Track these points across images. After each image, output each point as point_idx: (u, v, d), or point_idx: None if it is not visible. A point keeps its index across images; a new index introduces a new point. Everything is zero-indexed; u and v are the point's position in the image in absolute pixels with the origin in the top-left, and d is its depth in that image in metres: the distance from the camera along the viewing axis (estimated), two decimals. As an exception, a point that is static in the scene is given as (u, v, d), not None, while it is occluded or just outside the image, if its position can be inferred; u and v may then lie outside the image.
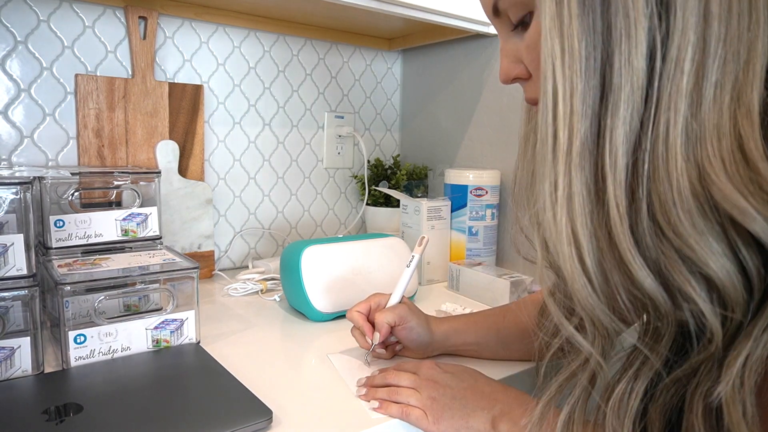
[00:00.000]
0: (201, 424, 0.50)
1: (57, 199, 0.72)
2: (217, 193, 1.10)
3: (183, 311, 0.69)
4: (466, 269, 0.98)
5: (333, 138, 1.26)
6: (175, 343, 0.69)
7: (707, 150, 0.33)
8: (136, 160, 0.95)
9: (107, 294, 0.64)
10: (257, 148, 1.15)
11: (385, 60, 1.34)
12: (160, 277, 0.68)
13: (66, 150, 0.92)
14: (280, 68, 1.16)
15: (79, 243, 0.73)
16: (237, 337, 0.75)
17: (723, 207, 0.33)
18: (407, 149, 1.39)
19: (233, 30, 1.09)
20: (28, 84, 0.88)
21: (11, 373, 0.59)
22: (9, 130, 0.88)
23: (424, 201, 1.03)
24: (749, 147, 0.32)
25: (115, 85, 0.93)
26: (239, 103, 1.11)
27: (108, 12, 0.94)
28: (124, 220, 0.76)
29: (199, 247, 1.03)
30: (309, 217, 1.25)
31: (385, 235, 0.92)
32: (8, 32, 0.86)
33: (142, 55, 0.96)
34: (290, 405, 0.56)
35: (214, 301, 0.91)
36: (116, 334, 0.64)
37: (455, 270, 1.00)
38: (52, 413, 0.51)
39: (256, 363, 0.67)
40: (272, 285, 0.98)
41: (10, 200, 0.59)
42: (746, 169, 0.32)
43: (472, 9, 1.04)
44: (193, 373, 0.61)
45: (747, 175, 0.32)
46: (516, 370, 0.67)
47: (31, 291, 0.60)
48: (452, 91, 1.25)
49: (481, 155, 1.18)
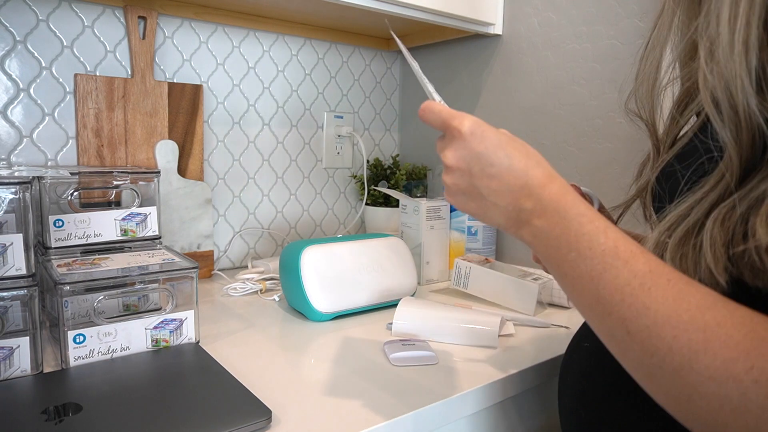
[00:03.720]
0: (200, 424, 0.50)
1: (56, 198, 0.72)
2: (216, 193, 1.10)
3: (182, 311, 0.69)
4: (477, 267, 0.92)
5: (332, 138, 1.26)
6: (174, 343, 0.69)
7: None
8: (135, 159, 0.95)
9: (106, 294, 0.64)
10: (256, 148, 1.15)
11: (384, 60, 1.34)
12: (159, 276, 0.68)
13: (65, 150, 0.92)
14: (279, 68, 1.16)
15: (78, 243, 0.73)
16: (236, 337, 0.75)
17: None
18: (406, 149, 1.39)
19: (232, 30, 1.09)
20: (28, 84, 0.88)
21: (10, 373, 0.59)
22: (8, 130, 0.88)
23: (424, 201, 1.03)
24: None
25: (114, 84, 0.93)
26: (239, 103, 1.11)
27: (107, 12, 0.94)
28: (124, 220, 0.76)
29: (199, 246, 1.02)
30: (308, 217, 1.25)
31: (385, 235, 0.92)
32: (7, 32, 0.86)
33: (142, 55, 0.96)
34: (289, 405, 0.56)
35: (214, 301, 0.91)
36: (115, 334, 0.64)
37: (464, 267, 0.94)
38: (51, 413, 0.51)
39: (256, 363, 0.67)
40: (271, 285, 0.98)
41: (9, 200, 0.59)
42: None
43: (472, 9, 1.04)
44: (193, 373, 0.61)
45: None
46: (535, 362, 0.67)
47: (30, 291, 0.60)
48: (452, 91, 1.25)
49: (481, 155, 1.18)
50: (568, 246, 0.42)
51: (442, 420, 0.59)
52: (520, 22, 1.08)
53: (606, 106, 0.95)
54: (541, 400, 0.75)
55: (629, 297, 0.38)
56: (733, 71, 0.40)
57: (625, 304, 0.38)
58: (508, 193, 0.46)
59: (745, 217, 0.38)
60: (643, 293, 0.38)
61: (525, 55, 1.08)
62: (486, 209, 0.48)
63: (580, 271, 0.41)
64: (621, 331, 0.38)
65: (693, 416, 0.35)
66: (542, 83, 1.04)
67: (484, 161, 0.47)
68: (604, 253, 0.40)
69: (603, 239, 0.41)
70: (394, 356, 0.67)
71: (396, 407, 0.56)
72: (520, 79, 1.09)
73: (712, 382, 0.34)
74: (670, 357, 0.35)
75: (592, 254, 0.41)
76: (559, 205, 0.44)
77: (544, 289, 0.90)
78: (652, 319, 0.37)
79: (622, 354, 0.39)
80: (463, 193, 0.49)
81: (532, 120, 1.07)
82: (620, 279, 0.39)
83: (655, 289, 0.37)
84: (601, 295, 0.40)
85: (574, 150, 1.02)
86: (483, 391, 0.63)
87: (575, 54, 0.99)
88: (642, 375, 0.38)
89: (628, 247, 0.40)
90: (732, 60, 0.40)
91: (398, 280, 0.88)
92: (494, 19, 1.09)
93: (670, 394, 0.36)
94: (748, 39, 0.39)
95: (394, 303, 0.86)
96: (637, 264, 0.39)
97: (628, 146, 0.94)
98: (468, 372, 0.65)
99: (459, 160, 0.48)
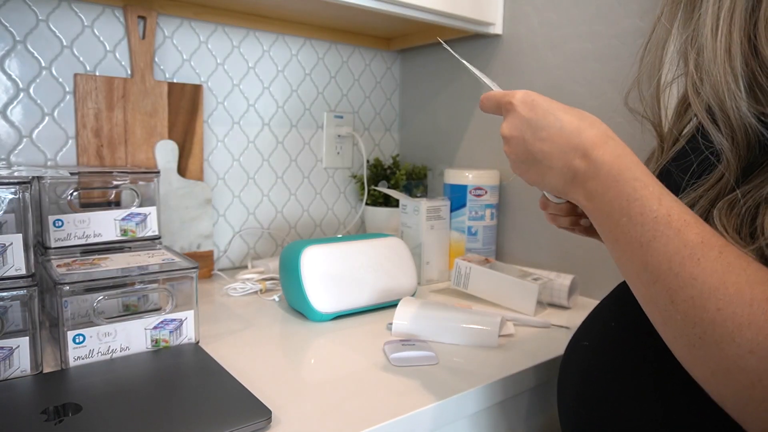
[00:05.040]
0: (200, 424, 0.50)
1: (56, 198, 0.72)
2: (216, 193, 1.10)
3: (182, 311, 0.69)
4: (477, 267, 0.92)
5: (332, 138, 1.26)
6: (174, 343, 0.69)
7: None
8: (135, 159, 0.95)
9: (106, 294, 0.64)
10: (256, 148, 1.15)
11: (384, 60, 1.34)
12: (159, 276, 0.68)
13: (65, 150, 0.92)
14: (279, 68, 1.16)
15: (78, 243, 0.72)
16: (236, 337, 0.75)
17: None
18: (406, 149, 1.39)
19: (232, 30, 1.08)
20: (27, 83, 0.88)
21: (10, 373, 0.59)
22: (8, 130, 0.87)
23: (424, 201, 1.03)
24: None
25: (114, 84, 0.93)
26: (238, 103, 1.11)
27: (107, 11, 0.94)
28: (123, 220, 0.76)
29: (198, 246, 1.02)
30: (308, 217, 1.25)
31: (385, 235, 0.92)
32: (7, 32, 0.86)
33: (141, 55, 0.96)
34: (289, 405, 0.56)
35: (213, 301, 0.91)
36: (115, 334, 0.64)
37: (464, 267, 0.94)
38: (50, 413, 0.51)
39: (256, 363, 0.67)
40: (271, 285, 0.98)
41: (8, 200, 0.59)
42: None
43: (472, 9, 1.04)
44: (192, 373, 0.61)
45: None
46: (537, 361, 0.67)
47: (30, 291, 0.60)
48: (451, 91, 1.25)
49: (481, 155, 1.18)
50: (620, 210, 0.42)
51: (442, 420, 0.59)
52: (520, 22, 1.08)
53: (606, 106, 0.95)
54: (541, 400, 0.74)
55: (677, 266, 0.38)
56: (719, 77, 0.42)
57: (672, 273, 0.38)
58: (560, 154, 0.46)
59: (753, 213, 0.38)
60: (691, 264, 0.37)
61: (525, 55, 1.08)
62: (544, 174, 0.48)
63: (629, 237, 0.41)
64: (665, 300, 0.38)
65: (729, 390, 0.35)
66: (542, 83, 1.04)
67: (535, 126, 0.47)
68: (656, 220, 0.39)
69: (656, 206, 0.40)
70: (394, 356, 0.67)
71: (396, 407, 0.56)
72: (520, 79, 1.08)
73: (752, 356, 0.33)
74: (711, 329, 0.35)
75: (644, 220, 0.40)
76: (612, 167, 0.43)
77: (544, 289, 0.90)
78: (698, 290, 0.36)
79: (664, 323, 0.39)
80: (522, 161, 0.50)
81: (532, 120, 1.07)
82: (670, 247, 0.38)
83: (704, 260, 0.37)
84: (649, 262, 0.39)
85: (574, 150, 1.01)
86: (483, 391, 0.62)
87: (575, 54, 0.99)
88: (682, 344, 0.38)
89: (681, 216, 0.39)
90: (716, 65, 0.42)
91: (398, 280, 0.88)
92: (494, 19, 1.09)
93: (708, 365, 0.36)
94: (730, 47, 0.41)
95: (394, 303, 0.86)
96: (689, 234, 0.38)
97: (628, 146, 0.94)
98: (468, 372, 0.65)
99: (513, 129, 0.49)
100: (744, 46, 0.42)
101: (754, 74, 0.41)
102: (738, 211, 0.40)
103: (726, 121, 0.43)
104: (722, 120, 0.43)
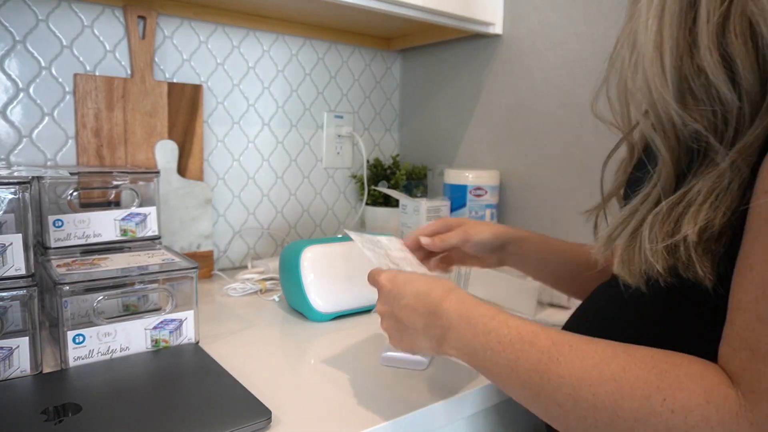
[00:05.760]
0: (200, 425, 0.50)
1: (56, 198, 0.72)
2: (216, 193, 1.10)
3: (182, 311, 0.69)
4: (477, 268, 0.91)
5: (332, 138, 1.26)
6: (174, 343, 0.69)
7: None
8: (135, 159, 0.95)
9: (106, 294, 0.64)
10: (256, 148, 1.15)
11: (384, 60, 1.34)
12: (159, 277, 0.68)
13: (65, 150, 0.92)
14: (279, 68, 1.16)
15: (77, 243, 0.72)
16: (236, 338, 0.75)
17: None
18: (406, 149, 1.39)
19: (232, 30, 1.08)
20: (27, 83, 0.88)
21: (10, 373, 0.59)
22: (7, 130, 0.87)
23: (424, 201, 1.03)
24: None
25: (113, 84, 0.93)
26: (238, 103, 1.11)
27: (107, 11, 0.94)
28: (123, 220, 0.76)
29: (198, 247, 1.02)
30: (308, 217, 1.25)
31: (385, 235, 0.92)
32: (7, 32, 0.86)
33: (141, 55, 0.96)
34: (289, 405, 0.56)
35: (213, 301, 0.91)
36: (115, 334, 0.64)
37: (464, 267, 0.92)
38: (50, 413, 0.51)
39: (256, 363, 0.67)
40: (271, 285, 0.98)
41: (8, 200, 0.59)
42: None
43: (472, 9, 1.04)
44: (192, 374, 0.61)
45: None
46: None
47: (30, 291, 0.60)
48: (451, 91, 1.25)
49: (481, 155, 1.18)
50: (483, 346, 0.46)
51: (441, 420, 0.59)
52: (520, 22, 1.08)
53: (606, 106, 0.95)
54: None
55: (545, 373, 0.41)
56: (648, 73, 0.42)
57: (545, 380, 0.41)
58: (420, 316, 0.52)
59: (679, 217, 0.40)
60: (554, 365, 0.41)
61: (525, 55, 1.08)
62: (414, 339, 0.54)
63: (500, 365, 0.45)
64: (553, 406, 0.41)
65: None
66: (542, 83, 1.04)
67: (397, 295, 0.54)
68: (512, 342, 0.44)
69: (506, 330, 0.45)
70: (385, 355, 0.66)
71: (396, 408, 0.56)
72: (520, 79, 1.08)
73: (639, 424, 0.36)
74: (597, 414, 0.38)
75: (503, 347, 0.44)
76: (461, 313, 0.49)
77: (544, 289, 0.90)
78: (570, 386, 0.40)
79: (566, 428, 0.42)
80: (395, 330, 0.56)
81: (532, 120, 1.07)
82: (532, 359, 0.42)
83: (562, 358, 0.41)
84: (523, 380, 0.43)
85: (575, 150, 1.01)
86: (482, 392, 0.62)
87: (575, 54, 0.99)
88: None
89: (529, 328, 0.44)
90: (646, 60, 0.42)
91: (398, 280, 0.88)
92: (494, 18, 1.09)
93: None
94: (661, 43, 0.41)
95: (394, 303, 0.86)
96: (540, 341, 0.43)
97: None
98: (467, 372, 0.65)
99: (383, 305, 0.56)
100: (681, 48, 0.41)
101: (687, 78, 0.41)
102: (670, 220, 0.41)
103: (658, 122, 0.43)
104: (656, 121, 0.43)
